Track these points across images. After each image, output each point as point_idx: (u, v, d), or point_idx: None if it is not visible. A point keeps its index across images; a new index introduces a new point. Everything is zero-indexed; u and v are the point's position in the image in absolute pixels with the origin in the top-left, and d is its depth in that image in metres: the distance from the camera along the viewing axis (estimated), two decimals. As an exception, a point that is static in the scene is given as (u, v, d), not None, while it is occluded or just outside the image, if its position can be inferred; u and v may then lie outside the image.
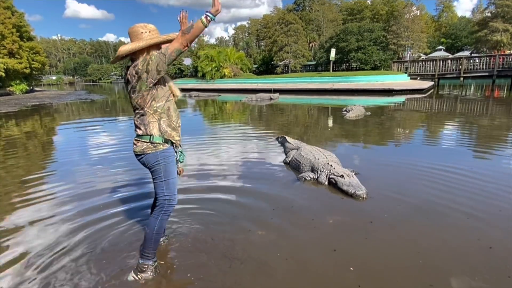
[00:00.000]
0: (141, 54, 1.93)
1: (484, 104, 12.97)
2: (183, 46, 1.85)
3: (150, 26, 1.99)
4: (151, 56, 1.89)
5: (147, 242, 2.09)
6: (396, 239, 2.56)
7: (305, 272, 2.16)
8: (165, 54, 1.85)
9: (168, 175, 2.06)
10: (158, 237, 2.12)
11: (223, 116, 12.21)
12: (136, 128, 2.04)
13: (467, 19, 55.45)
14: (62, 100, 22.17)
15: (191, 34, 1.82)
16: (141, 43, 1.90)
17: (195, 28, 1.82)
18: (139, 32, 1.95)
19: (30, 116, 12.90)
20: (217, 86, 27.59)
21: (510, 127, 7.54)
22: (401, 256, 2.32)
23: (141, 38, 1.93)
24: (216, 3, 1.83)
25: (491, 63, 21.24)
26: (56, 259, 2.36)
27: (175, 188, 2.11)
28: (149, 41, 1.92)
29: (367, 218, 2.89)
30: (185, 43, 1.84)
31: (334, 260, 2.29)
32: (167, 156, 2.04)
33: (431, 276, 2.07)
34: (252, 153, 5.45)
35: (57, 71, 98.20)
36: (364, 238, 2.55)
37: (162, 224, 2.11)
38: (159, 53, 1.87)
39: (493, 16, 36.60)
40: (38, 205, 3.39)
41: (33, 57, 29.41)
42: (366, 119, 9.05)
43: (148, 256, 2.11)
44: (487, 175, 4.00)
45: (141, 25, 1.98)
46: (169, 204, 2.09)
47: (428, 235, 2.58)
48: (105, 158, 5.35)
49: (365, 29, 35.33)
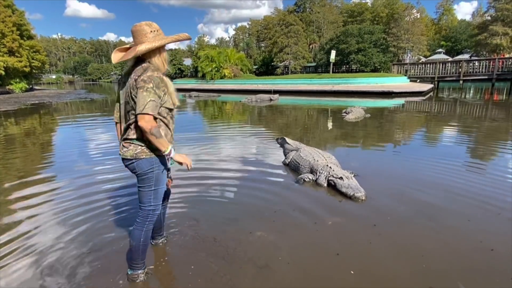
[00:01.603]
0: (153, 54, 1.85)
1: (483, 107, 12.98)
2: (145, 130, 1.74)
3: (155, 25, 1.87)
4: (144, 88, 1.72)
5: (135, 253, 2.03)
6: (400, 242, 2.54)
7: (307, 276, 2.15)
8: (140, 103, 1.72)
9: (159, 184, 1.96)
10: (146, 246, 2.05)
11: (223, 116, 12.21)
12: (127, 129, 1.87)
13: (467, 22, 55.57)
14: (61, 99, 22.14)
15: (152, 138, 1.77)
16: (156, 43, 1.81)
17: (155, 141, 1.78)
18: (147, 31, 1.82)
19: (29, 115, 12.89)
20: (217, 87, 27.57)
21: (509, 130, 7.55)
22: (405, 260, 2.29)
23: (148, 37, 1.82)
24: (183, 162, 1.93)
25: (491, 67, 21.28)
26: (50, 256, 2.36)
27: (161, 198, 2.04)
28: (164, 41, 1.84)
29: (369, 221, 2.88)
30: (144, 131, 1.75)
31: (337, 265, 2.26)
32: (162, 163, 1.94)
33: (435, 280, 2.06)
34: (251, 154, 5.44)
35: (57, 70, 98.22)
36: (369, 242, 2.52)
37: (147, 234, 2.03)
38: (144, 90, 1.72)
39: (493, 19, 36.66)
40: (31, 203, 3.39)
41: (33, 56, 29.43)
42: (366, 121, 9.06)
43: (137, 266, 2.07)
44: (485, 177, 4.01)
45: (147, 23, 1.85)
46: (154, 214, 2.01)
47: (430, 238, 2.57)
48: (103, 156, 5.35)
49: (366, 31, 35.39)
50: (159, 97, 1.79)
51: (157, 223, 2.28)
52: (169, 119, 1.96)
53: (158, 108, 1.79)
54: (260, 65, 49.58)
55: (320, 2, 51.03)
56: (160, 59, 1.88)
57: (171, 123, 1.98)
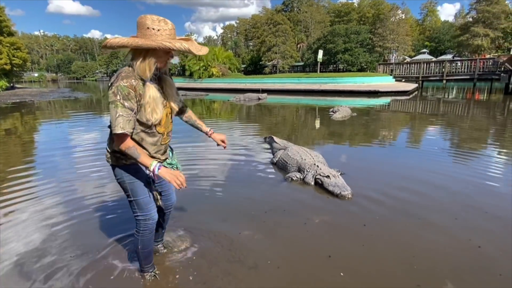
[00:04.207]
0: (137, 55, 1.57)
1: (465, 106, 13.36)
2: (116, 144, 1.62)
3: (163, 23, 1.52)
4: (114, 103, 1.53)
5: (138, 257, 2.05)
6: (390, 243, 2.52)
7: (297, 278, 2.13)
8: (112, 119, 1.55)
9: (136, 195, 1.79)
10: (146, 253, 2.01)
11: (211, 115, 12.14)
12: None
13: (450, 23, 57.09)
14: (44, 97, 21.54)
15: (128, 153, 1.61)
16: (135, 42, 1.50)
17: (136, 160, 1.64)
18: (145, 27, 1.51)
19: (9, 114, 12.48)
20: (205, 86, 27.41)
21: (489, 129, 7.80)
22: (396, 260, 2.29)
23: (145, 34, 1.51)
24: (169, 180, 1.63)
25: (472, 67, 21.92)
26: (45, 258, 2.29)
27: (149, 208, 1.85)
28: (150, 43, 1.49)
29: (359, 221, 2.87)
30: (116, 146, 1.63)
31: (329, 266, 2.22)
32: (135, 174, 1.77)
33: (424, 280, 2.06)
34: (239, 153, 5.43)
35: (39, 68, 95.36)
36: (361, 245, 2.48)
37: (145, 243, 1.94)
38: (115, 106, 1.53)
39: (474, 21, 37.81)
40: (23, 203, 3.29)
41: (13, 53, 28.53)
42: (352, 120, 9.18)
43: (143, 269, 2.08)
44: (472, 175, 4.10)
45: (152, 17, 1.52)
46: (145, 223, 1.87)
47: (420, 238, 2.57)
48: (87, 156, 5.23)
49: (352, 31, 35.91)
50: (130, 109, 1.56)
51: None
52: (144, 136, 1.71)
53: (131, 122, 1.57)
54: (249, 64, 49.59)
55: (307, 2, 51.44)
56: (144, 65, 1.57)
57: (147, 139, 1.72)
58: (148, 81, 1.62)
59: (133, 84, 1.56)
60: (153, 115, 1.65)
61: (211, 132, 2.18)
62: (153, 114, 1.65)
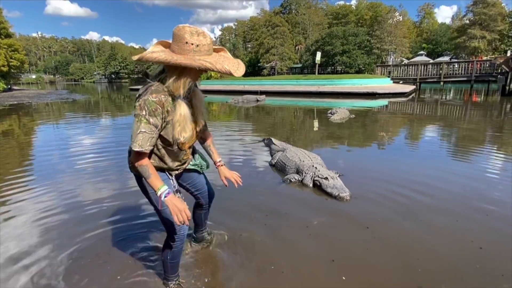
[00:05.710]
0: (172, 71, 1.45)
1: (463, 108, 13.41)
2: (131, 158, 1.54)
3: (201, 38, 1.39)
4: (140, 117, 1.44)
5: (164, 266, 1.94)
6: (394, 246, 2.48)
7: (301, 283, 2.10)
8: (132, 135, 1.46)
9: (163, 205, 1.63)
10: (175, 263, 1.91)
11: (209, 117, 12.13)
12: None
13: (447, 25, 57.44)
14: (42, 99, 21.45)
15: (139, 170, 1.53)
16: (173, 59, 1.36)
17: (143, 174, 1.53)
18: (184, 41, 1.38)
19: (7, 116, 12.42)
20: (203, 87, 27.34)
21: (489, 130, 7.83)
22: (398, 264, 2.27)
23: (183, 49, 1.38)
24: (172, 213, 1.51)
25: (469, 69, 22.05)
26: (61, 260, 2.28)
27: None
28: (190, 62, 1.37)
29: (361, 223, 2.84)
30: (131, 160, 1.55)
31: (334, 273, 2.17)
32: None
33: (427, 282, 2.04)
34: (238, 155, 5.43)
35: (37, 69, 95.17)
36: (366, 248, 2.44)
37: (175, 253, 1.84)
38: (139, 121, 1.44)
39: (471, 23, 38.12)
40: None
41: (11, 55, 28.46)
42: (351, 122, 9.20)
43: (167, 278, 1.97)
44: (471, 176, 4.10)
45: (191, 30, 1.38)
46: (178, 234, 1.76)
47: (423, 240, 2.55)
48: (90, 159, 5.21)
49: (350, 33, 36.06)
50: (155, 126, 1.46)
51: (198, 220, 2.30)
52: (167, 152, 1.63)
53: (153, 139, 1.48)
54: (247, 66, 49.52)
55: (305, 4, 51.65)
56: (180, 83, 1.46)
57: (169, 154, 1.65)
58: (180, 98, 1.52)
59: (162, 100, 1.45)
60: (182, 134, 1.57)
61: (219, 164, 2.07)
62: (182, 133, 1.57)
